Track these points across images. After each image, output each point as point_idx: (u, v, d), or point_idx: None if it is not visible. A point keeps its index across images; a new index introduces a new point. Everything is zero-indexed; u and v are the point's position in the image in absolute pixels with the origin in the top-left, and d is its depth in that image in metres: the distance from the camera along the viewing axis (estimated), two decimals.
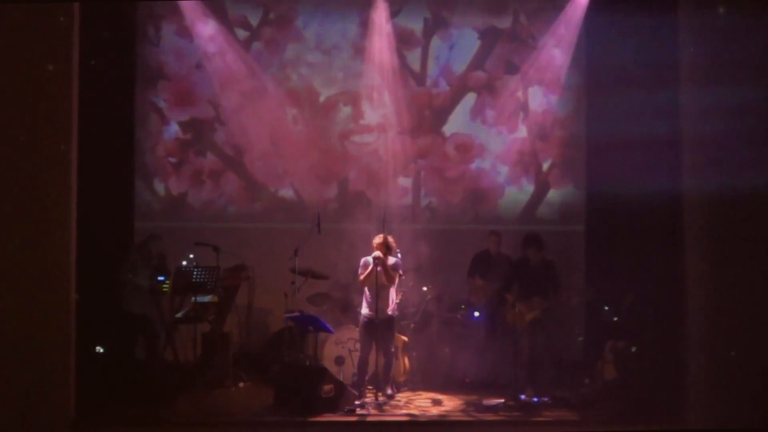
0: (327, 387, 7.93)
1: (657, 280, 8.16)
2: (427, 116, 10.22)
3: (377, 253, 8.08)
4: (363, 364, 8.34)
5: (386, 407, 8.15)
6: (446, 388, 8.73)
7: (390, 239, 8.31)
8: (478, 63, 10.18)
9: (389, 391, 8.42)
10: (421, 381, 8.88)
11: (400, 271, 8.42)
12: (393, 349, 8.46)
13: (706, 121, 7.55)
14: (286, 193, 10.18)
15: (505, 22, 10.11)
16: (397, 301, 8.45)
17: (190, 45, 9.94)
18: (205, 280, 8.84)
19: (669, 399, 7.77)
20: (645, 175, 8.33)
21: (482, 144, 10.19)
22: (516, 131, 10.17)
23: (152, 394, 8.11)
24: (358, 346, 8.53)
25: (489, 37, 10.13)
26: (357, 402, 8.06)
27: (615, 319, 8.65)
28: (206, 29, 9.83)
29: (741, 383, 7.14)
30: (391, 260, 8.31)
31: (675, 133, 8.00)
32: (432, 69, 10.23)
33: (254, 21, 10.12)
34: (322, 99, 10.17)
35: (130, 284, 8.42)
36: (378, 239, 8.24)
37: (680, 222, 7.86)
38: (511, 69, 10.14)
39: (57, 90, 7.43)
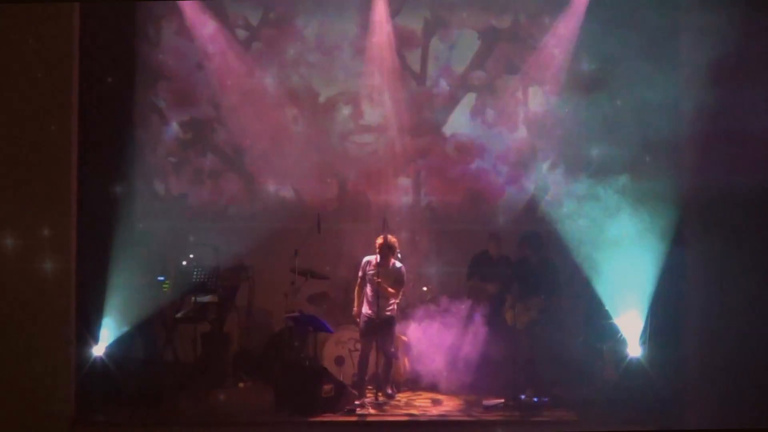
0: (327, 387, 7.95)
1: (657, 280, 8.16)
2: (427, 116, 10.21)
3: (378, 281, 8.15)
4: (363, 363, 8.35)
5: (386, 407, 8.16)
6: (446, 387, 8.74)
7: (392, 239, 8.32)
8: (478, 63, 10.17)
9: (389, 391, 8.43)
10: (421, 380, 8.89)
11: (404, 283, 8.42)
12: (393, 349, 8.47)
13: (707, 121, 7.56)
14: (286, 193, 10.17)
15: (505, 22, 10.09)
16: (397, 301, 8.45)
17: (190, 45, 9.91)
18: (205, 280, 8.84)
19: (669, 399, 7.77)
20: (645, 174, 8.33)
21: (482, 144, 10.17)
22: (516, 131, 10.15)
23: (152, 394, 8.11)
24: (358, 346, 8.54)
25: (489, 37, 10.12)
26: (357, 402, 8.07)
27: (615, 319, 8.64)
28: (206, 29, 9.82)
29: (741, 383, 7.15)
30: (397, 265, 8.34)
31: (674, 131, 8.01)
32: (432, 69, 10.21)
33: (254, 21, 10.11)
34: (322, 99, 10.16)
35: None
36: (379, 240, 8.27)
37: (680, 221, 7.87)
38: (511, 69, 10.12)
39: (57, 90, 7.44)
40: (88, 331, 7.98)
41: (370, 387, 8.45)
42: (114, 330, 8.30)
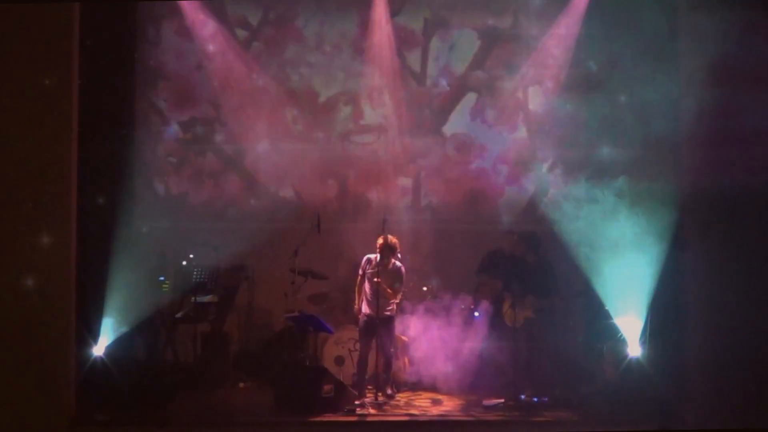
0: (327, 387, 7.95)
1: (657, 280, 8.16)
2: (427, 116, 10.21)
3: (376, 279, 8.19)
4: (363, 363, 8.35)
5: (386, 407, 8.16)
6: (446, 387, 8.73)
7: (393, 240, 8.32)
8: (478, 63, 10.17)
9: (389, 391, 8.43)
10: (420, 380, 8.89)
11: (403, 284, 8.43)
12: (393, 350, 8.47)
13: (707, 122, 7.56)
14: (286, 193, 10.17)
15: (505, 22, 10.08)
16: (397, 301, 8.45)
17: (190, 45, 9.91)
18: (205, 280, 8.84)
19: (669, 399, 7.77)
20: (645, 174, 8.34)
21: (482, 144, 10.17)
22: (516, 131, 10.15)
23: (152, 394, 8.11)
24: (358, 346, 8.54)
25: (489, 37, 10.12)
26: (357, 402, 8.08)
27: (615, 319, 8.65)
28: (206, 29, 9.82)
29: (741, 383, 7.15)
30: (397, 265, 8.34)
31: (674, 132, 8.02)
32: (432, 69, 10.21)
33: (254, 21, 10.11)
34: (322, 99, 10.16)
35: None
36: (380, 240, 8.28)
37: (680, 222, 7.87)
38: (511, 69, 10.11)
39: (57, 90, 7.45)
40: (88, 331, 7.99)
41: (370, 387, 8.46)
42: (114, 330, 8.30)
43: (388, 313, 8.34)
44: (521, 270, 8.56)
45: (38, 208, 7.30)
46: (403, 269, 8.42)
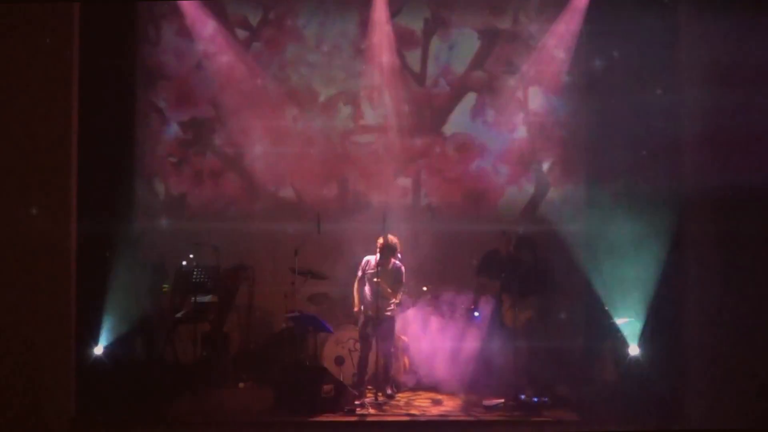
0: (327, 387, 7.95)
1: (657, 280, 8.16)
2: (427, 116, 10.21)
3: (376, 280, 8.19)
4: (363, 363, 8.36)
5: (386, 407, 8.17)
6: (446, 387, 8.74)
7: (393, 240, 8.32)
8: (478, 63, 10.17)
9: (389, 391, 8.44)
10: (420, 380, 8.89)
11: (403, 284, 8.43)
12: (393, 350, 8.48)
13: (707, 122, 7.56)
14: (286, 193, 10.17)
15: (505, 22, 10.09)
16: (397, 301, 8.45)
17: (190, 45, 9.92)
18: (205, 280, 8.84)
19: (669, 399, 7.78)
20: (645, 175, 8.34)
21: (482, 144, 10.18)
22: (516, 131, 10.15)
23: (152, 394, 8.11)
24: (358, 346, 8.55)
25: (489, 37, 10.12)
26: (357, 402, 8.08)
27: (614, 319, 8.66)
28: (206, 29, 9.83)
29: (741, 383, 7.15)
30: (396, 265, 8.34)
31: (674, 132, 8.01)
32: (432, 69, 10.22)
33: (254, 21, 10.11)
34: (322, 99, 10.16)
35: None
36: (380, 240, 8.28)
37: (680, 222, 7.87)
38: (511, 69, 10.12)
39: (57, 90, 7.45)
40: (88, 331, 7.99)
41: (370, 387, 8.46)
42: (114, 330, 8.30)
43: (388, 313, 8.34)
44: (518, 270, 8.56)
45: (38, 207, 7.30)
46: (403, 269, 8.43)
